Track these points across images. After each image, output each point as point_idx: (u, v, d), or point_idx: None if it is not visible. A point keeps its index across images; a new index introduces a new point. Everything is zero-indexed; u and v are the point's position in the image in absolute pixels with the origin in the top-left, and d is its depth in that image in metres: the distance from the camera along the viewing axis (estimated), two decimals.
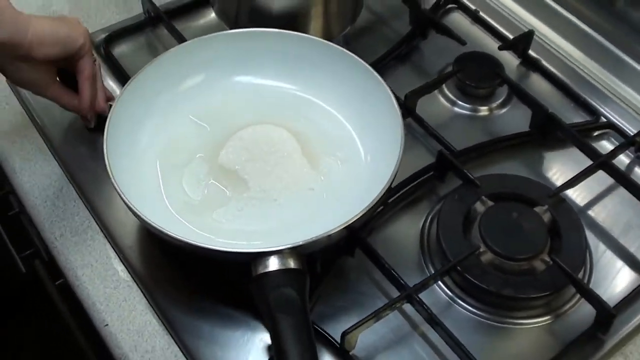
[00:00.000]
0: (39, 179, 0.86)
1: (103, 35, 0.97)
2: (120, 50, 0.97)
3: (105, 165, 0.74)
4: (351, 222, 0.69)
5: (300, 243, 0.67)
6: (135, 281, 0.78)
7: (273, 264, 0.67)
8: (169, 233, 0.68)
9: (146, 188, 0.77)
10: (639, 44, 0.95)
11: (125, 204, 0.70)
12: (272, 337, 0.63)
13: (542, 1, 1.02)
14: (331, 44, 0.84)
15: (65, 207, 0.83)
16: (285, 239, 0.70)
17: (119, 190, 0.71)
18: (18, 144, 0.89)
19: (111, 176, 0.72)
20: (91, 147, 0.87)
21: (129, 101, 0.79)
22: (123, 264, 0.79)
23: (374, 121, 0.81)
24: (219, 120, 0.84)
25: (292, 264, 0.67)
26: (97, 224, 0.82)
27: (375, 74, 0.81)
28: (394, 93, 0.79)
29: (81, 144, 0.87)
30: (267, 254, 0.67)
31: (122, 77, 0.92)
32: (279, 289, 0.65)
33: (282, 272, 0.66)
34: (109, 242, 0.81)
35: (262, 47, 0.85)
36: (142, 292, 0.77)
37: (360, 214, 0.69)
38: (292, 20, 0.89)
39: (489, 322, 0.76)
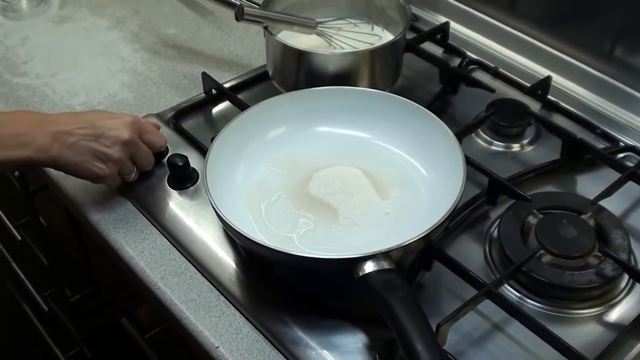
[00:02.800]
0: (133, 234, 0.95)
1: (171, 113, 1.09)
2: (187, 125, 1.09)
3: (194, 216, 0.87)
4: (434, 227, 0.79)
5: (394, 247, 0.77)
6: (237, 308, 0.86)
7: (369, 266, 0.76)
8: (276, 248, 0.79)
9: (242, 224, 0.87)
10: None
11: (235, 230, 0.80)
12: (388, 319, 0.72)
13: (553, 54, 1.17)
14: (395, 95, 0.97)
15: (162, 255, 0.93)
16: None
17: (227, 220, 0.81)
18: (109, 207, 0.99)
19: (218, 211, 0.82)
20: (177, 202, 0.97)
21: (221, 150, 0.90)
22: (223, 295, 0.88)
23: (435, 153, 0.93)
24: (299, 164, 0.96)
25: (386, 265, 0.77)
26: (194, 265, 0.91)
27: (432, 114, 0.94)
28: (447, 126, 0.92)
29: (167, 201, 0.97)
30: (363, 259, 0.77)
31: (195, 146, 1.04)
32: (383, 281, 0.75)
33: (380, 272, 0.76)
34: (207, 279, 0.89)
35: (335, 102, 0.98)
36: (245, 317, 0.85)
37: (442, 220, 0.80)
38: (344, 81, 1.02)
39: (553, 314, 0.85)
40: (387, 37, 1.12)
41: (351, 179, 0.92)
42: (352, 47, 1.09)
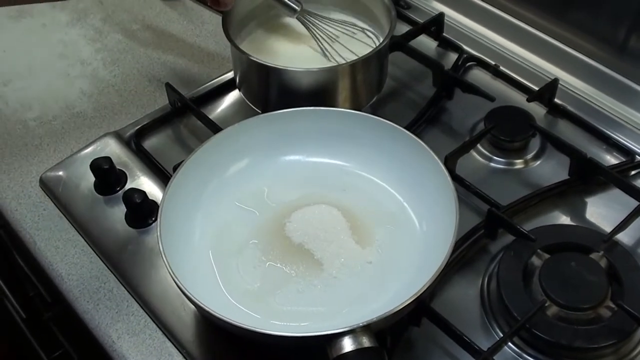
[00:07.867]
0: (88, 283, 0.85)
1: (132, 130, 0.97)
2: (151, 143, 0.97)
3: (156, 262, 0.73)
4: (420, 292, 0.68)
5: (374, 319, 0.67)
6: None
7: (348, 344, 0.66)
8: (238, 324, 0.67)
9: (204, 279, 0.76)
10: None
11: (188, 297, 0.69)
12: None
13: (560, 49, 1.03)
14: (376, 117, 0.85)
15: (119, 309, 0.82)
16: (353, 316, 0.70)
17: (180, 284, 0.70)
18: (61, 249, 0.88)
19: (170, 271, 0.71)
20: (136, 245, 0.86)
21: (177, 194, 0.78)
22: (186, 359, 0.78)
23: (423, 189, 0.81)
24: (268, 203, 0.84)
25: (366, 342, 0.66)
26: (154, 321, 0.81)
27: (421, 142, 0.81)
28: (440, 159, 0.79)
29: (126, 243, 0.86)
30: (340, 335, 0.66)
31: (158, 171, 0.92)
32: None
33: (359, 352, 0.66)
34: (169, 338, 0.79)
35: (306, 126, 0.86)
36: None
37: (429, 283, 0.68)
38: (322, 95, 0.90)
39: None
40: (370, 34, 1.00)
41: (329, 222, 0.80)
42: (335, 40, 0.97)
